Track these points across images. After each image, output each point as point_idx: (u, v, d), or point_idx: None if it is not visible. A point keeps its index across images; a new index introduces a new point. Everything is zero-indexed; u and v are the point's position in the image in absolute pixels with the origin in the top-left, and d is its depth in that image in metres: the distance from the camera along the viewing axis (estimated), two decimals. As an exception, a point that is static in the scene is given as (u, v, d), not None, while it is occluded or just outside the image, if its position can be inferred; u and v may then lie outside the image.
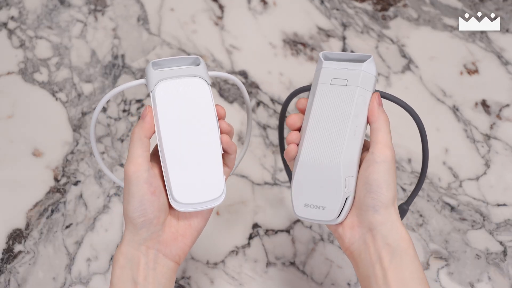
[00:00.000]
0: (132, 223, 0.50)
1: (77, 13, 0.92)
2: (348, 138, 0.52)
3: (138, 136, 0.51)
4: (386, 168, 0.50)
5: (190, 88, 0.53)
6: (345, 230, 0.53)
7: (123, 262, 0.51)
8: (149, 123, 0.52)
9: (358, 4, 0.96)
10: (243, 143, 0.68)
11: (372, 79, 0.54)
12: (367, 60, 0.54)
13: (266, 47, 0.90)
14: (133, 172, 0.50)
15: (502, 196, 0.76)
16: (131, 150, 0.51)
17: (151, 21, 0.92)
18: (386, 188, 0.50)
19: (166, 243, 0.52)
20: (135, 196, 0.50)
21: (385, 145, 0.51)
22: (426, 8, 0.95)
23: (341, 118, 0.53)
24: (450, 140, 0.81)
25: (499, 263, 0.70)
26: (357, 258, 0.52)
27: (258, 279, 0.69)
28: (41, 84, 0.85)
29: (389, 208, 0.50)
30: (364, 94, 0.53)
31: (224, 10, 0.94)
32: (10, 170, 0.77)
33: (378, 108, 0.53)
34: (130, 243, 0.51)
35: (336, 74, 0.55)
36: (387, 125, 0.52)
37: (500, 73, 0.88)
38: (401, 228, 0.50)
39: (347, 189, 0.52)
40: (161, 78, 0.52)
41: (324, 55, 0.56)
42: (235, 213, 0.74)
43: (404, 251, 0.49)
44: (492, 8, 0.95)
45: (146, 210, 0.50)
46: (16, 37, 0.90)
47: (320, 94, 0.55)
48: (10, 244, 0.70)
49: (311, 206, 0.54)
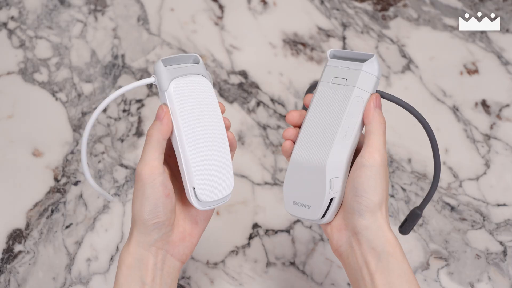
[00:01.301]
0: (144, 224, 0.50)
1: (77, 13, 0.92)
2: (337, 139, 0.52)
3: (157, 138, 0.50)
4: (374, 172, 0.50)
5: (198, 86, 0.53)
6: (333, 231, 0.53)
7: (131, 262, 0.50)
8: (167, 124, 0.50)
9: (358, 4, 0.96)
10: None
11: (372, 80, 0.53)
12: (368, 60, 0.53)
13: (266, 47, 0.90)
14: (149, 174, 0.49)
15: (502, 196, 0.76)
16: (148, 151, 0.50)
17: (151, 21, 0.92)
18: (373, 192, 0.49)
19: (174, 243, 0.52)
20: (150, 198, 0.49)
21: (375, 148, 0.50)
22: (426, 8, 0.95)
23: (334, 118, 0.53)
24: (450, 140, 0.81)
25: (499, 263, 0.70)
26: (345, 260, 0.52)
27: (258, 279, 0.69)
28: (41, 84, 0.85)
29: (375, 213, 0.50)
30: (361, 95, 0.52)
31: (224, 10, 0.94)
32: (10, 170, 0.77)
33: (374, 110, 0.52)
34: (139, 244, 0.50)
35: (338, 73, 0.54)
36: (381, 127, 0.51)
37: (500, 73, 0.88)
38: (388, 232, 0.50)
39: (332, 190, 0.52)
40: (174, 76, 0.52)
41: (331, 53, 0.56)
42: (235, 213, 0.74)
43: (390, 255, 0.49)
44: (492, 8, 0.95)
45: (160, 212, 0.50)
46: (16, 37, 0.90)
47: (319, 93, 0.54)
48: (10, 244, 0.70)
49: (298, 204, 0.54)
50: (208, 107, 0.53)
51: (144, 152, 0.50)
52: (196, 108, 0.52)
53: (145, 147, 0.50)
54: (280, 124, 0.82)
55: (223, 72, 0.87)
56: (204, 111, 0.52)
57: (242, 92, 0.85)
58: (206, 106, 0.53)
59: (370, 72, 0.53)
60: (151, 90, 0.85)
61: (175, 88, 0.51)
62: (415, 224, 0.59)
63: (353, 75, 0.53)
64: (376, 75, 0.53)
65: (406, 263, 0.49)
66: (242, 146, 0.80)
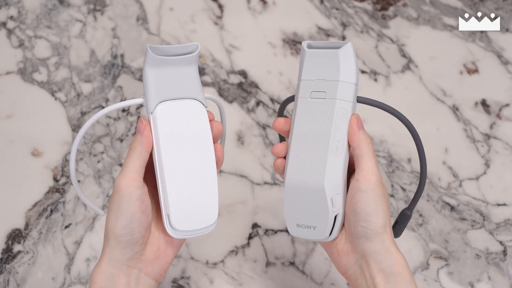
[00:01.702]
0: (117, 240, 0.48)
1: (76, 12, 0.92)
2: (330, 157, 0.51)
3: (139, 150, 0.49)
4: (372, 195, 0.49)
5: (188, 111, 0.51)
6: (340, 256, 0.53)
7: (102, 282, 0.48)
8: (148, 137, 0.49)
9: (358, 3, 0.96)
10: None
11: (351, 88, 0.51)
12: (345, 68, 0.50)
13: (265, 46, 0.90)
14: (127, 186, 0.48)
15: (502, 196, 0.76)
16: (128, 163, 0.49)
17: (151, 21, 0.92)
18: (376, 215, 0.49)
19: (148, 262, 0.51)
20: (125, 213, 0.48)
21: (369, 171, 0.50)
22: (426, 7, 0.95)
23: (322, 135, 0.51)
24: (450, 140, 0.81)
25: (499, 263, 0.70)
26: (354, 282, 0.52)
27: (258, 279, 0.69)
28: (40, 84, 0.85)
29: (381, 234, 0.49)
30: (344, 106, 0.51)
31: (223, 10, 0.94)
32: (9, 170, 0.77)
33: (359, 132, 0.51)
34: (111, 262, 0.48)
35: (315, 87, 0.52)
36: (370, 148, 0.51)
37: (500, 73, 0.88)
38: (395, 252, 0.49)
39: (335, 208, 0.52)
40: (162, 98, 0.50)
41: (308, 44, 0.54)
42: (234, 213, 0.74)
43: (399, 276, 0.49)
44: (492, 7, 0.95)
45: (134, 229, 0.48)
46: (15, 37, 0.90)
47: (300, 110, 0.53)
48: (9, 244, 0.70)
49: (302, 226, 0.54)
50: (196, 134, 0.51)
51: (124, 164, 0.49)
52: (182, 134, 0.50)
53: (126, 159, 0.49)
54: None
55: (223, 72, 0.87)
56: (191, 138, 0.51)
57: (242, 92, 0.85)
58: (193, 133, 0.51)
59: (348, 80, 0.51)
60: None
61: (161, 112, 0.50)
62: (406, 226, 0.58)
63: (331, 87, 0.51)
64: (354, 82, 0.52)
65: (413, 283, 0.49)
66: (241, 146, 0.80)
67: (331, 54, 0.51)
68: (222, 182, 0.76)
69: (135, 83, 0.85)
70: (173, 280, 0.68)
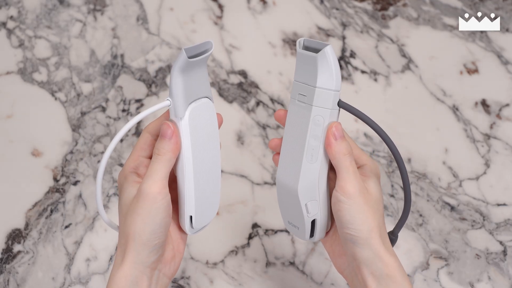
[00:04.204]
0: (144, 244, 0.48)
1: (76, 12, 0.92)
2: (304, 162, 0.50)
3: (168, 157, 0.48)
4: (352, 204, 0.49)
5: (207, 112, 0.50)
6: (335, 257, 0.54)
7: (125, 285, 0.48)
8: (178, 144, 0.48)
9: (358, 3, 0.95)
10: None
11: (329, 95, 0.48)
12: (322, 74, 0.48)
13: (265, 46, 0.90)
14: (158, 193, 0.47)
15: (502, 196, 0.76)
16: (158, 169, 0.48)
17: (151, 21, 0.92)
18: (360, 222, 0.49)
19: (166, 261, 0.52)
20: (156, 219, 0.47)
21: (346, 183, 0.49)
22: (426, 7, 0.95)
23: (299, 140, 0.51)
24: (450, 140, 0.81)
25: (499, 263, 0.70)
26: (350, 282, 0.53)
27: (258, 279, 0.69)
28: (40, 84, 0.85)
29: (368, 239, 0.49)
30: (320, 113, 0.49)
31: (223, 10, 0.94)
32: (9, 170, 0.77)
33: (335, 144, 0.49)
34: (135, 265, 0.48)
35: (300, 89, 0.50)
36: (346, 160, 0.49)
37: (500, 73, 0.88)
38: (385, 256, 0.49)
39: (310, 214, 0.52)
40: (190, 100, 0.48)
41: (301, 42, 0.50)
42: (234, 213, 0.74)
43: (390, 279, 0.49)
44: (492, 7, 0.95)
45: (162, 233, 0.48)
46: (15, 37, 0.89)
47: (289, 111, 0.52)
48: (9, 244, 0.70)
49: (291, 224, 0.55)
50: (211, 135, 0.51)
51: (153, 170, 0.48)
52: (203, 136, 0.50)
53: (154, 164, 0.48)
54: (279, 124, 0.82)
55: (223, 72, 0.87)
56: (208, 139, 0.51)
57: (242, 92, 0.85)
58: (210, 134, 0.51)
59: (326, 87, 0.48)
60: (150, 89, 0.85)
61: (190, 117, 0.49)
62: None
63: (310, 92, 0.49)
64: (333, 89, 0.48)
65: (407, 284, 0.49)
66: (241, 146, 0.80)
67: (310, 58, 0.48)
68: (222, 182, 0.76)
69: (135, 83, 0.85)
70: (173, 280, 0.68)
